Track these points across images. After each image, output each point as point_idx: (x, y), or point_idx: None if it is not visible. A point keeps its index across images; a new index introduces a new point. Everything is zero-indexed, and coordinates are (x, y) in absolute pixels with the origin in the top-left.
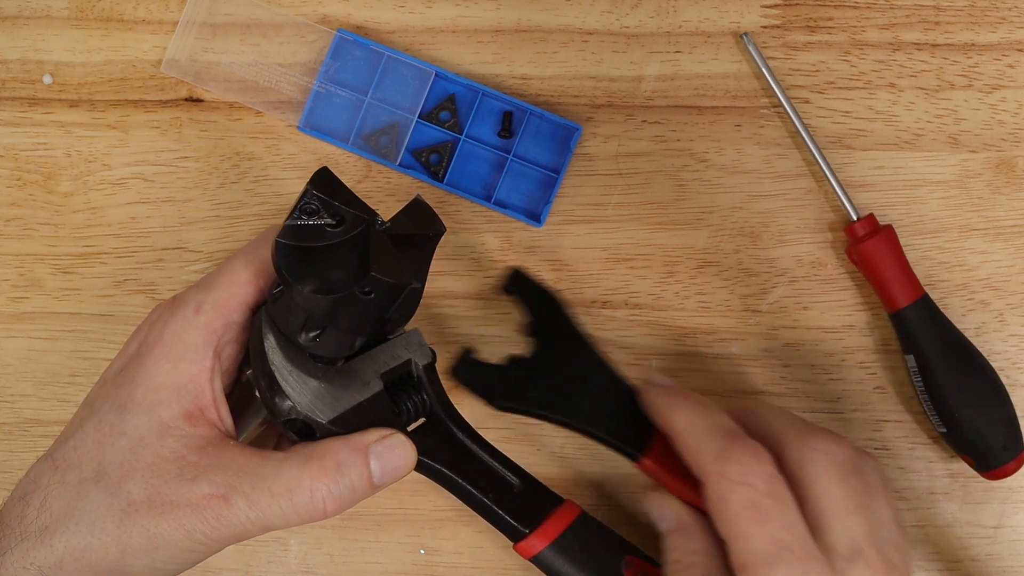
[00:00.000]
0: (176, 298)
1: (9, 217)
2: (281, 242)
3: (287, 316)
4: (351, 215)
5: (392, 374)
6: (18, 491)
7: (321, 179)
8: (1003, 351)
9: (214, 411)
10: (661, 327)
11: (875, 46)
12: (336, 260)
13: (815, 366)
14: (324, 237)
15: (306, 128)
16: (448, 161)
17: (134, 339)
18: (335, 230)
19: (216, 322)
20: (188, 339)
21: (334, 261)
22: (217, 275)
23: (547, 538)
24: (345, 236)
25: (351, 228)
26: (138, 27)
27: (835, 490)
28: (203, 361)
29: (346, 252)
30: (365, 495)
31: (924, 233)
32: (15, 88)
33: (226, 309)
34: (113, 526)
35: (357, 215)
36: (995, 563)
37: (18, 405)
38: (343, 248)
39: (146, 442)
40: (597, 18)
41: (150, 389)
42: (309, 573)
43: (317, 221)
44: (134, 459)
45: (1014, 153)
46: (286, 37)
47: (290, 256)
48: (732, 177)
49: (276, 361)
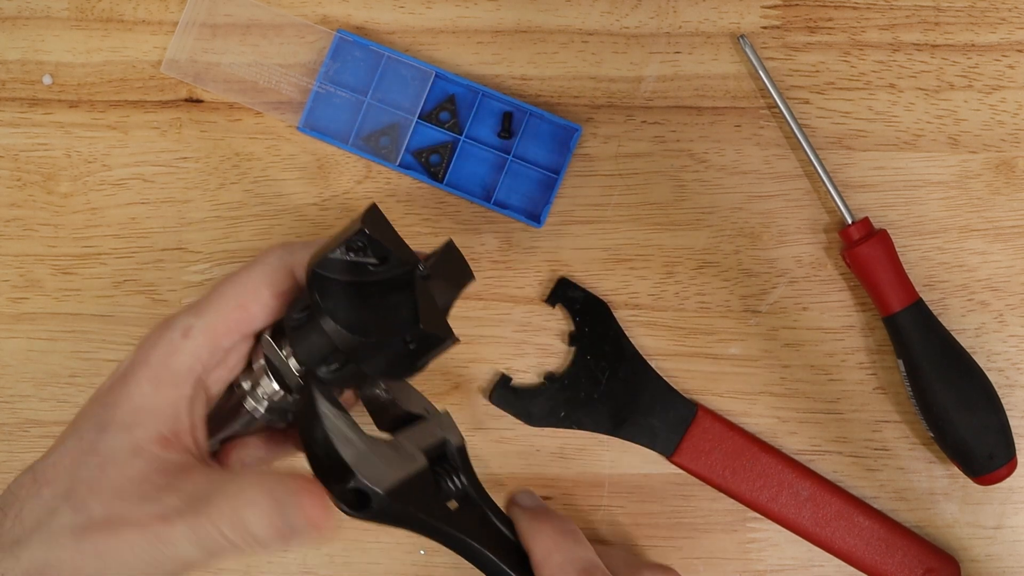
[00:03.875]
0: (168, 320)
1: (9, 218)
2: (320, 273)
3: (309, 344)
4: (395, 257)
5: (431, 452)
6: (2, 501)
7: (372, 218)
8: (1003, 351)
9: (190, 437)
10: (661, 327)
11: (875, 47)
12: (378, 303)
13: (815, 366)
14: (364, 274)
15: (306, 129)
16: (448, 161)
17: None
18: (377, 268)
19: (203, 349)
20: (173, 364)
21: (376, 304)
22: (210, 298)
23: None
24: (386, 276)
25: (392, 270)
26: (138, 28)
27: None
28: (184, 387)
29: (388, 296)
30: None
31: (924, 234)
32: (15, 88)
33: (215, 335)
34: (72, 543)
35: (402, 258)
36: (995, 564)
37: (18, 405)
38: (383, 290)
39: (116, 462)
40: (597, 18)
41: (129, 411)
42: (309, 574)
43: (362, 258)
44: (102, 477)
45: (1014, 154)
46: (286, 38)
47: (328, 288)
48: (732, 178)
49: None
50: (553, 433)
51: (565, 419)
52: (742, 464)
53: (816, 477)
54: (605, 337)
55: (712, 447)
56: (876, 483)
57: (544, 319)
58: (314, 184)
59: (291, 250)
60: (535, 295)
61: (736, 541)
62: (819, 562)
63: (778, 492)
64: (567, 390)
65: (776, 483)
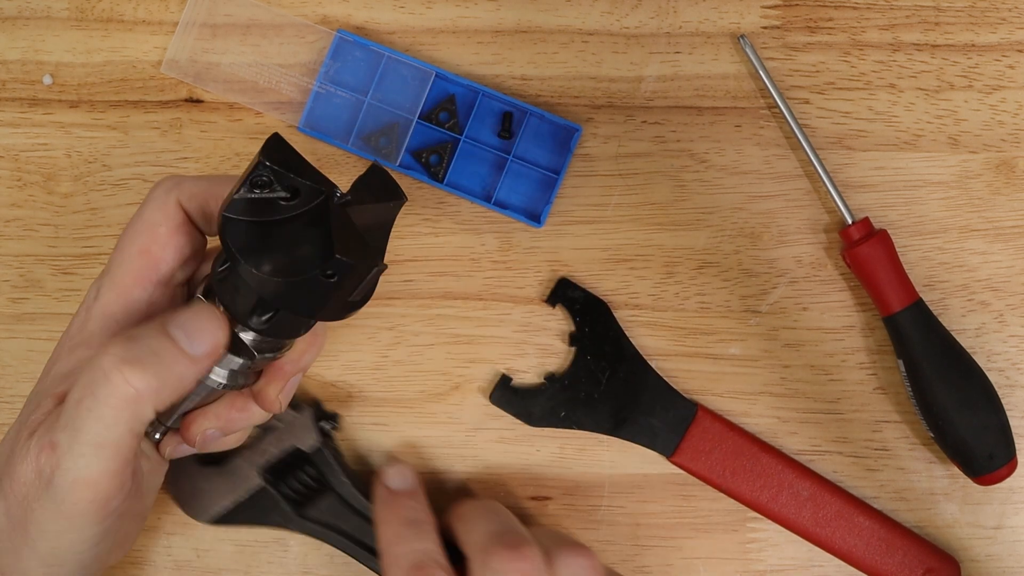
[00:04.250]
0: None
1: (9, 218)
2: (229, 217)
3: (235, 297)
4: (307, 187)
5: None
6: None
7: (273, 147)
8: (1003, 352)
9: None
10: (661, 327)
11: (875, 47)
12: (294, 238)
13: (815, 367)
14: (277, 211)
15: (306, 129)
16: (448, 162)
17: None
18: (289, 203)
19: (113, 304)
20: (87, 326)
21: (292, 239)
22: (113, 255)
23: None
24: (301, 210)
25: (307, 201)
26: (138, 28)
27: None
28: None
29: (305, 229)
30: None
31: (924, 234)
32: (15, 89)
33: (123, 287)
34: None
35: (314, 187)
36: (995, 564)
37: (18, 405)
38: (301, 224)
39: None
40: (597, 19)
41: (49, 379)
42: (309, 574)
43: (269, 194)
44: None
45: (1014, 154)
46: (286, 38)
47: (241, 232)
48: (732, 178)
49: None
50: (553, 433)
51: (565, 419)
52: (742, 464)
53: (816, 477)
54: (605, 337)
55: (712, 447)
56: (876, 483)
57: (544, 319)
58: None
59: (176, 182)
60: (535, 295)
61: (736, 541)
62: (819, 562)
63: (778, 492)
64: (567, 390)
65: (776, 483)
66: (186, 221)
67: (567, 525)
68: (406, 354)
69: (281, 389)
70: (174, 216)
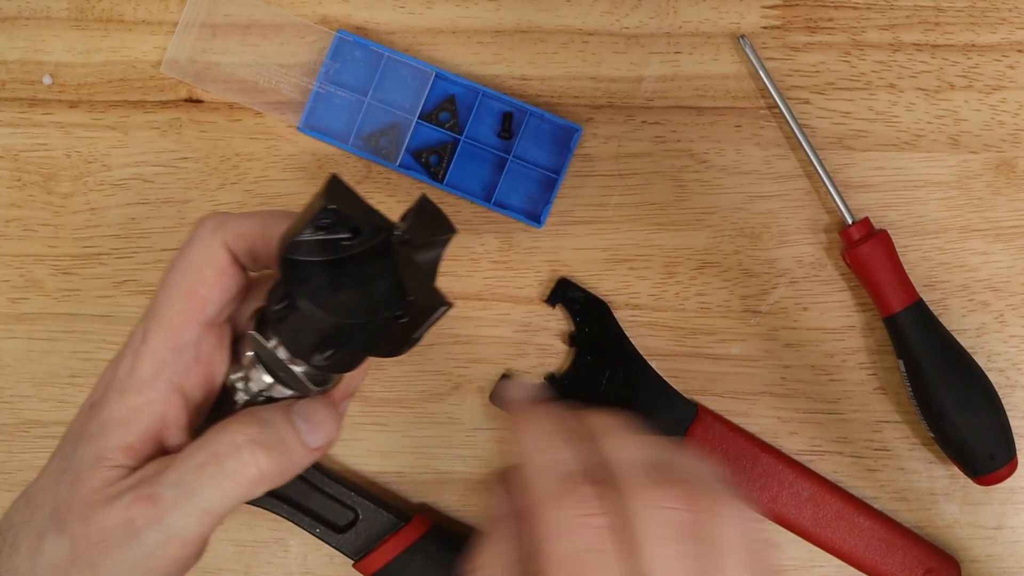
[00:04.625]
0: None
1: (9, 218)
2: (293, 259)
3: (296, 335)
4: (369, 228)
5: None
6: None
7: (334, 189)
8: (1003, 352)
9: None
10: (661, 327)
11: (875, 47)
12: (358, 276)
13: (815, 367)
14: (339, 251)
15: (306, 129)
16: (448, 162)
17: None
18: (351, 242)
19: (162, 349)
20: (136, 371)
21: (355, 278)
22: (158, 296)
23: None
24: (362, 248)
25: (368, 240)
26: (138, 28)
27: (661, 552)
28: (151, 393)
29: (367, 267)
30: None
31: (924, 234)
32: (15, 89)
33: (171, 331)
34: (66, 565)
35: (375, 225)
36: (995, 564)
37: (18, 406)
38: (362, 262)
39: (84, 476)
40: (597, 19)
41: (98, 422)
42: (309, 574)
43: (331, 236)
44: (75, 494)
45: (1014, 154)
46: (286, 38)
47: (303, 274)
48: (732, 178)
49: None
50: None
51: None
52: (742, 464)
53: (816, 477)
54: (605, 337)
55: (712, 447)
56: (876, 483)
57: (544, 319)
58: (314, 184)
59: (221, 221)
60: (535, 295)
61: None
62: (819, 562)
63: (778, 492)
64: (567, 391)
65: (776, 483)
66: (232, 262)
67: None
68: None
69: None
70: (220, 257)
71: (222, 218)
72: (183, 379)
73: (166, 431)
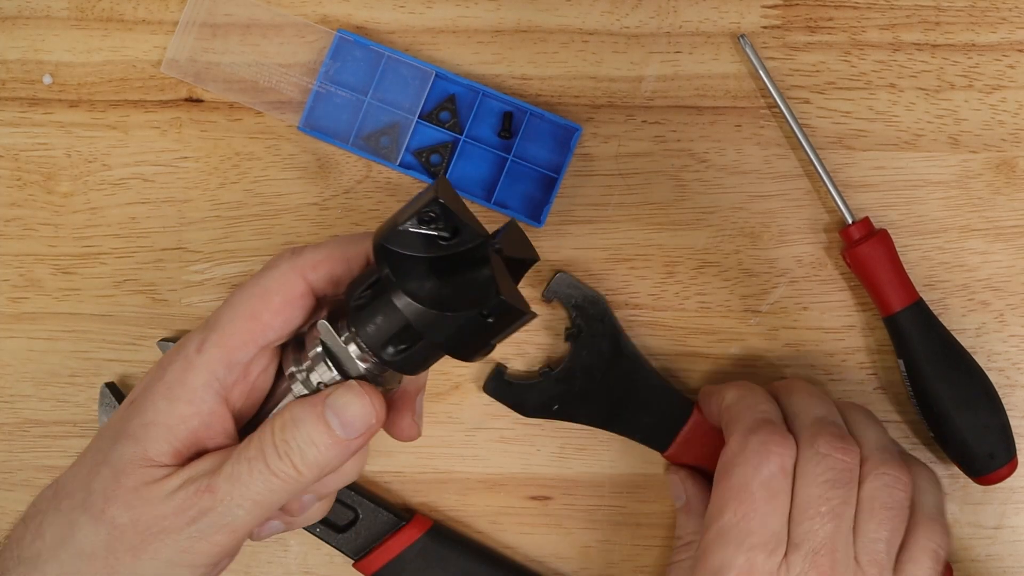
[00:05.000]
0: (187, 335)
1: (9, 217)
2: (390, 248)
3: (375, 322)
4: (467, 229)
5: None
6: (25, 514)
7: (442, 188)
8: (1003, 351)
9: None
10: (661, 327)
11: (875, 46)
12: (450, 275)
13: (815, 366)
14: (435, 249)
15: (306, 128)
16: (448, 161)
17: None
18: (449, 242)
19: (217, 363)
20: (188, 380)
21: (448, 276)
22: (222, 311)
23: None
24: (458, 250)
25: (464, 243)
26: (138, 27)
27: (813, 492)
28: (200, 404)
29: (460, 269)
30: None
31: (924, 234)
32: (15, 88)
33: (229, 348)
34: (102, 552)
35: (474, 230)
36: (995, 564)
37: (18, 405)
38: (460, 265)
39: (129, 471)
40: (597, 18)
41: (141, 424)
42: (309, 573)
43: (432, 231)
44: (116, 485)
45: (1014, 153)
46: (286, 37)
47: (399, 262)
48: (732, 177)
49: None
50: (553, 432)
51: (559, 412)
52: None
53: None
54: (602, 333)
55: (707, 444)
56: None
57: (544, 318)
58: (314, 184)
59: (299, 253)
60: (535, 294)
61: None
62: None
63: None
64: (562, 383)
65: None
66: (305, 293)
67: (567, 525)
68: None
69: (413, 413)
70: (293, 287)
71: (299, 249)
72: (229, 392)
73: (209, 438)
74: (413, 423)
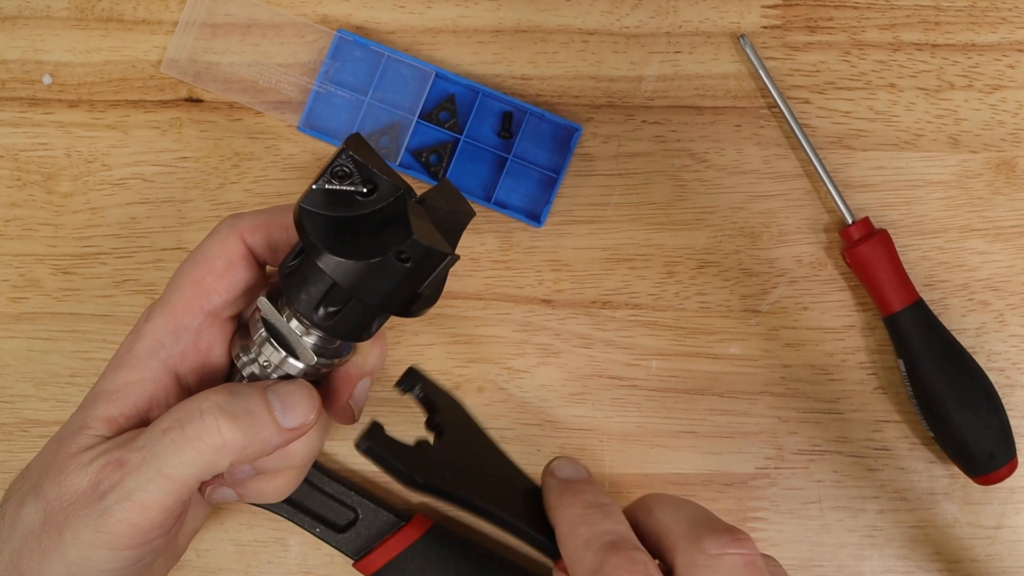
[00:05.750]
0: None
1: (9, 217)
2: (306, 208)
3: (303, 288)
4: (385, 183)
5: None
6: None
7: (354, 143)
8: (1003, 351)
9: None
10: (661, 327)
11: (875, 46)
12: (370, 230)
13: (815, 366)
14: (354, 207)
15: (306, 128)
16: (448, 161)
17: None
18: (367, 198)
19: (162, 330)
20: (135, 348)
21: (368, 231)
22: (169, 282)
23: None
24: (377, 206)
25: (384, 198)
26: (138, 27)
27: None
28: (144, 370)
29: (380, 224)
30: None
31: (924, 234)
32: (15, 88)
33: (173, 314)
34: (38, 530)
35: (393, 183)
36: (995, 564)
37: (18, 405)
38: (379, 219)
39: (65, 443)
40: (597, 18)
41: (92, 394)
42: (309, 574)
43: (348, 187)
44: (52, 460)
45: (1014, 153)
46: (286, 37)
47: (317, 222)
48: (732, 177)
49: None
50: (553, 433)
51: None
52: None
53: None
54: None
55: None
56: (876, 483)
57: (544, 319)
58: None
59: (237, 217)
60: (535, 295)
61: None
62: (819, 562)
63: None
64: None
65: None
66: (246, 256)
67: None
68: (406, 353)
69: (349, 395)
70: (233, 250)
71: (238, 215)
72: (178, 363)
73: (153, 410)
74: (347, 406)
